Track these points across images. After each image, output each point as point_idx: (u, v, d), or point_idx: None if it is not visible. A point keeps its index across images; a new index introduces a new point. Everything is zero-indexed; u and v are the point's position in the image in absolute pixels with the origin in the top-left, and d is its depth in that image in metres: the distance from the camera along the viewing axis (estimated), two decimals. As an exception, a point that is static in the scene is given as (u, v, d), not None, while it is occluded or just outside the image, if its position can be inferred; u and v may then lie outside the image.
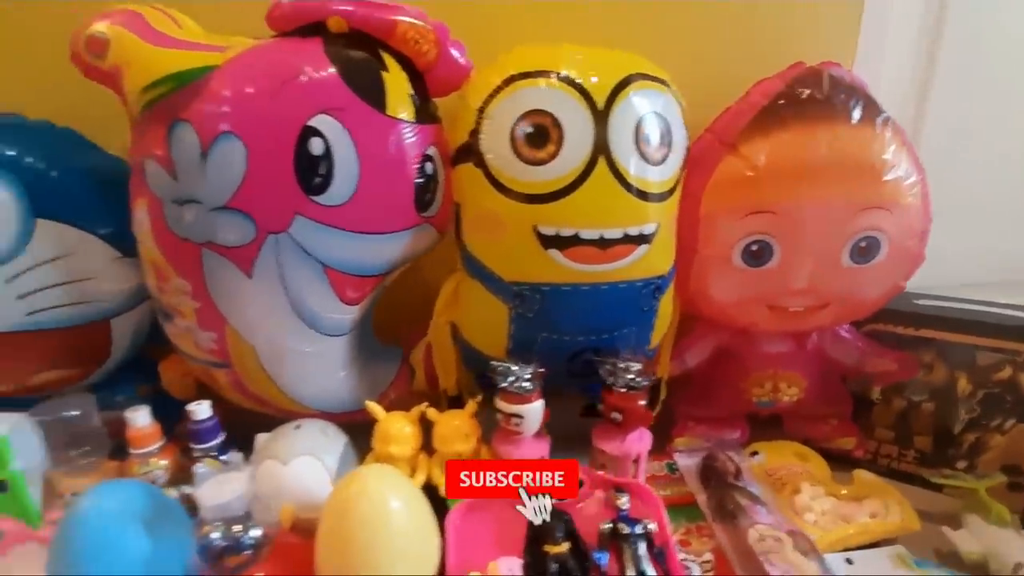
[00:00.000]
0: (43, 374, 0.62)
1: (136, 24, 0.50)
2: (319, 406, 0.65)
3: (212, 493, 0.49)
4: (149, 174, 0.51)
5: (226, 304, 0.54)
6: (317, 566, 0.50)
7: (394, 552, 0.48)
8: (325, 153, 0.51)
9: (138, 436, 0.59)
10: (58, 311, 0.59)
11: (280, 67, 0.50)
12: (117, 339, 0.63)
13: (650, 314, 0.63)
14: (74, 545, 0.47)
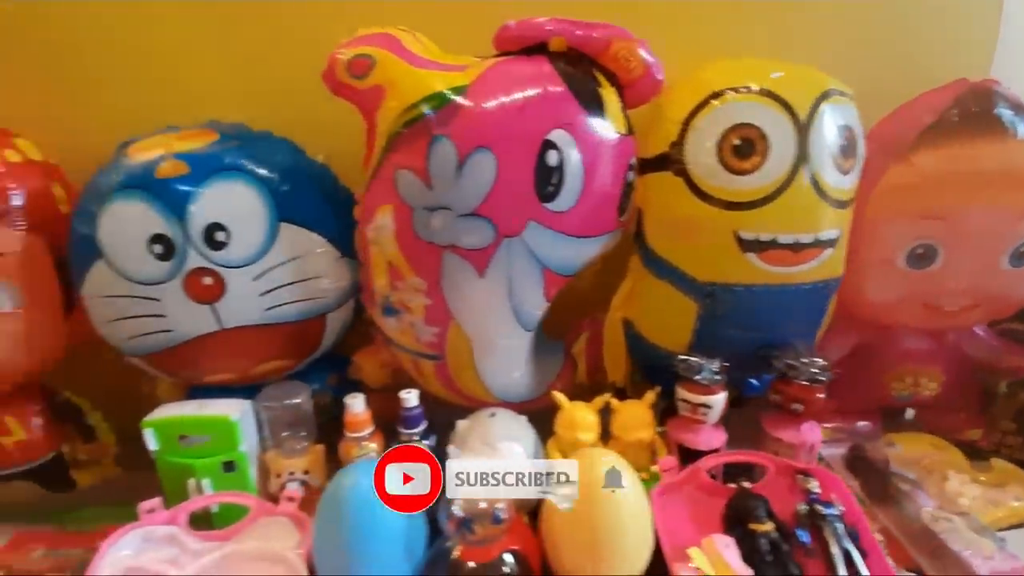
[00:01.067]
0: (264, 364, 0.67)
1: (396, 46, 0.55)
2: (503, 396, 0.69)
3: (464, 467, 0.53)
4: (402, 183, 0.56)
5: (456, 301, 0.59)
6: (555, 545, 0.55)
7: (634, 533, 0.53)
8: (558, 164, 0.55)
9: (355, 421, 0.64)
10: (290, 307, 0.64)
11: (524, 86, 0.54)
12: (329, 332, 0.68)
13: (822, 312, 0.67)
14: (345, 517, 0.52)
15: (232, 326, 0.62)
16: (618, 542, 0.53)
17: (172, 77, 0.72)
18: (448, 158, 0.53)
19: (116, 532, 0.58)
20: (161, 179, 0.57)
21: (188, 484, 0.64)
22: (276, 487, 0.66)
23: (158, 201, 0.57)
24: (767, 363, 0.67)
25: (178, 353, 0.63)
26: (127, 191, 0.57)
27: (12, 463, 0.70)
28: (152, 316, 0.60)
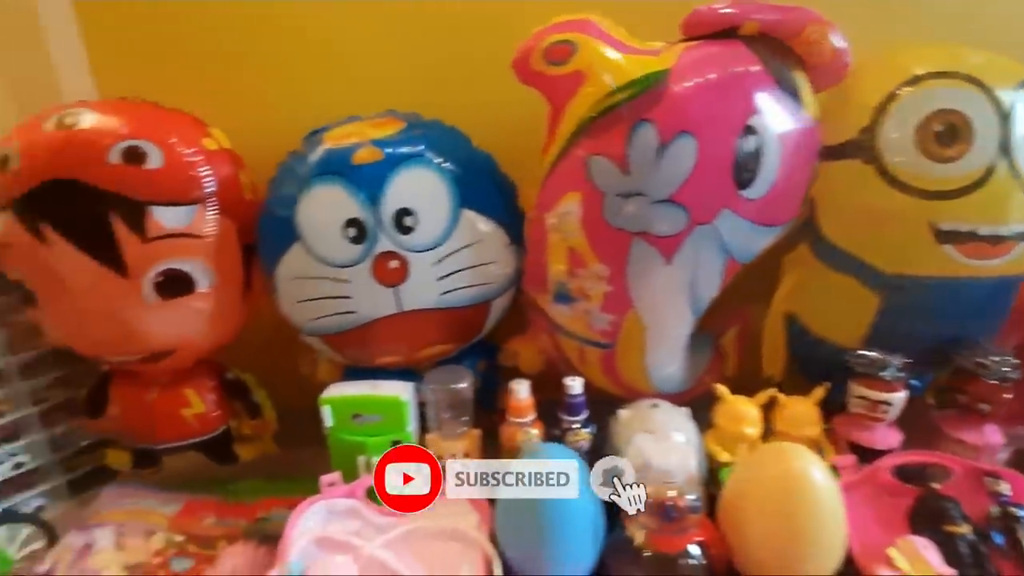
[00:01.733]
0: (429, 348, 0.69)
1: (597, 31, 0.55)
2: (661, 387, 0.69)
3: (661, 454, 0.53)
4: (595, 170, 0.56)
5: (639, 288, 0.59)
6: (746, 540, 0.54)
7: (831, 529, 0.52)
8: (756, 150, 0.54)
9: (520, 406, 0.65)
10: (463, 292, 0.65)
11: (725, 70, 0.54)
12: (491, 318, 0.70)
13: (1005, 308, 0.64)
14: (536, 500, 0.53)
15: (410, 309, 0.64)
16: (817, 538, 0.52)
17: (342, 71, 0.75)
18: (649, 143, 0.53)
19: (303, 503, 0.61)
20: (357, 165, 0.59)
21: (359, 461, 0.67)
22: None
23: (354, 186, 0.59)
24: (943, 360, 0.64)
25: (357, 334, 0.65)
26: (325, 176, 0.60)
27: (191, 434, 0.74)
28: (340, 298, 0.63)
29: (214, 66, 0.75)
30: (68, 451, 0.81)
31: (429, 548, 0.59)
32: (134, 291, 0.61)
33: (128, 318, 0.63)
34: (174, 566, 0.66)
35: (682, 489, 0.54)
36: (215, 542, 0.69)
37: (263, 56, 0.75)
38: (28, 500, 0.78)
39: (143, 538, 0.70)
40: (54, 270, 0.60)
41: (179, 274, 0.63)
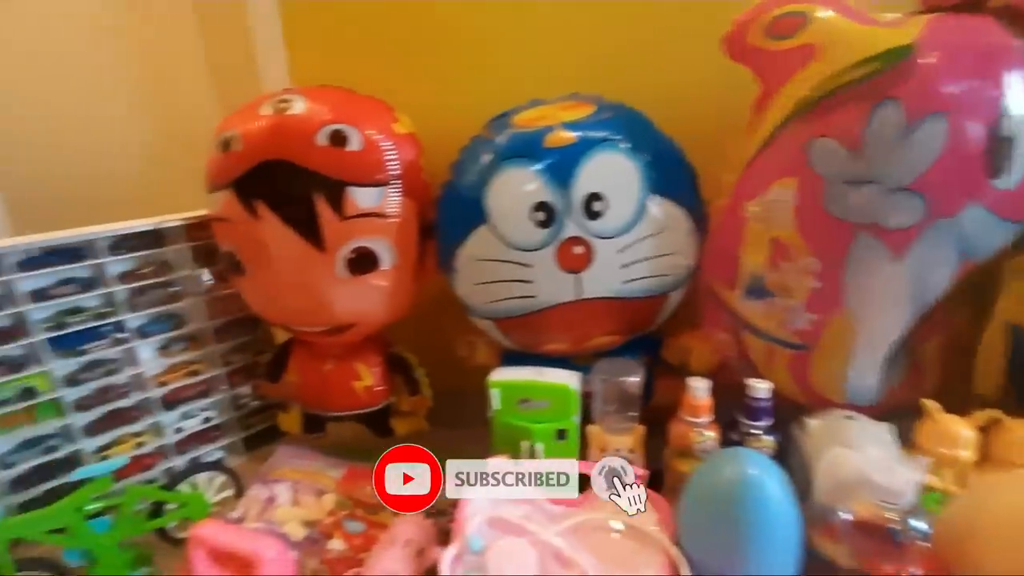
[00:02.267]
0: (598, 338, 0.68)
1: (833, 1, 0.51)
2: (852, 397, 0.63)
3: (889, 474, 0.48)
4: (817, 153, 0.52)
5: (856, 288, 0.54)
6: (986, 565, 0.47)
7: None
8: (1012, 135, 0.47)
9: (697, 406, 0.62)
10: (644, 282, 0.64)
11: (979, 45, 0.47)
12: (664, 311, 0.67)
13: None
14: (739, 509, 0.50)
15: (588, 297, 0.63)
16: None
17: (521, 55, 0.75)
18: (893, 124, 0.47)
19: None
20: (549, 148, 0.59)
21: (522, 446, 0.67)
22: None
23: (546, 169, 0.59)
24: None
25: (531, 320, 0.66)
26: (516, 159, 0.60)
27: (358, 405, 0.78)
28: (521, 282, 0.63)
29: (397, 52, 0.79)
30: (245, 410, 0.89)
31: (603, 542, 0.57)
32: (329, 266, 0.65)
33: (320, 291, 0.67)
34: (348, 527, 0.70)
35: (903, 512, 0.48)
36: (378, 509, 0.72)
37: (444, 42, 0.77)
38: (211, 452, 0.87)
39: (315, 497, 0.75)
40: (263, 243, 0.65)
41: (367, 252, 0.66)
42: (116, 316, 0.74)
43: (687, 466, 0.62)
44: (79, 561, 0.64)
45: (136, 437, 0.80)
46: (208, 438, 0.86)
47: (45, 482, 0.73)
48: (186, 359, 0.82)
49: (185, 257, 0.78)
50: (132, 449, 0.79)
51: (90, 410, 0.76)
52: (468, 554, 0.57)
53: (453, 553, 0.56)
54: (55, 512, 0.61)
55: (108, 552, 0.64)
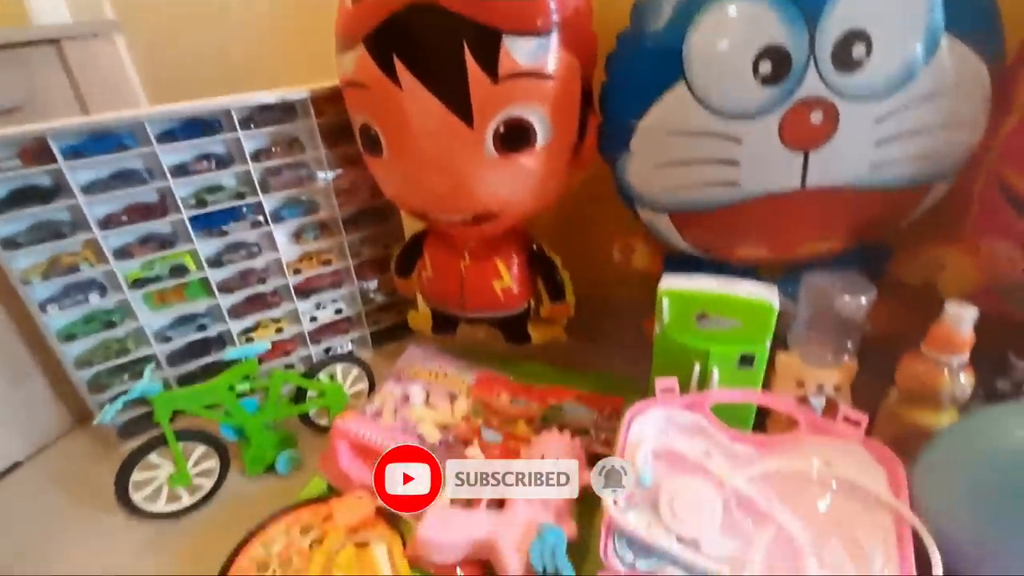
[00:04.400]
0: (811, 244, 0.52)
1: None
2: None
3: None
4: None
5: None
6: None
7: None
8: None
9: (955, 340, 0.46)
10: (903, 167, 0.46)
11: None
12: (915, 210, 0.50)
13: None
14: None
15: (816, 186, 0.47)
16: None
17: None
18: None
19: (639, 406, 0.52)
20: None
21: (695, 370, 0.55)
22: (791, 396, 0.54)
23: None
24: None
25: (726, 215, 0.51)
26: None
27: (496, 307, 0.71)
28: (723, 163, 0.48)
29: None
30: (374, 305, 0.85)
31: (809, 498, 0.46)
32: (477, 142, 0.54)
33: (465, 173, 0.57)
34: (485, 436, 0.65)
35: None
36: (515, 420, 0.67)
37: None
38: (342, 344, 0.86)
39: (447, 400, 0.71)
40: (402, 112, 0.55)
41: (521, 124, 0.54)
42: (252, 197, 0.71)
43: (928, 418, 0.48)
44: (233, 437, 0.66)
45: (275, 323, 0.80)
46: (339, 329, 0.85)
47: (198, 359, 0.75)
48: (319, 248, 0.79)
49: (314, 135, 0.72)
50: (273, 334, 0.79)
51: (234, 292, 0.76)
52: (637, 488, 0.48)
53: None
54: (211, 388, 0.62)
55: (258, 431, 0.65)
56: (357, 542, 0.53)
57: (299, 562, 0.52)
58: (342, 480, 0.59)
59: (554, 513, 0.51)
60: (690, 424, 0.52)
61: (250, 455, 0.65)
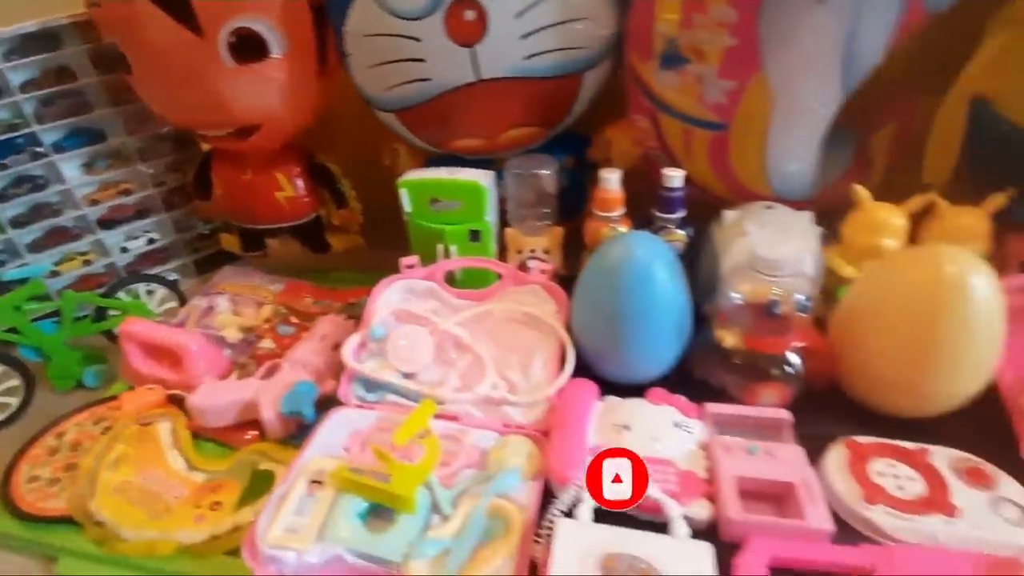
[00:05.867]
0: (512, 130, 0.63)
1: None
2: (781, 189, 0.58)
3: (771, 245, 0.45)
4: None
5: (773, 42, 0.46)
6: (869, 352, 0.46)
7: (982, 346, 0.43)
8: None
9: (608, 199, 0.59)
10: (550, 57, 0.56)
11: None
12: (582, 96, 0.61)
13: None
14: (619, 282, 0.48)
15: (490, 76, 0.56)
16: (960, 354, 0.43)
17: None
18: None
19: (385, 280, 0.62)
20: None
21: (437, 249, 0.66)
22: (515, 263, 0.66)
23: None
24: None
25: (432, 109, 0.60)
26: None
27: (284, 217, 0.77)
28: (412, 61, 0.56)
29: None
30: (193, 233, 0.89)
31: (503, 330, 0.58)
32: (211, 52, 0.59)
33: (210, 83, 0.62)
34: (280, 331, 0.73)
35: (790, 287, 0.46)
36: (313, 317, 0.75)
37: None
38: (165, 274, 0.89)
39: (254, 308, 0.78)
40: (139, 27, 0.58)
41: (251, 34, 0.59)
42: (27, 128, 0.71)
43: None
44: (35, 358, 0.70)
45: (82, 256, 0.82)
46: (157, 259, 0.88)
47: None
48: (115, 178, 0.80)
49: (84, 61, 0.72)
50: (80, 267, 0.81)
51: (27, 227, 0.77)
52: (371, 342, 0.58)
53: (356, 341, 0.58)
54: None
55: (58, 350, 0.69)
56: (142, 423, 0.60)
57: (88, 446, 0.58)
58: (138, 379, 0.66)
59: (314, 374, 0.60)
60: (425, 290, 0.62)
61: (53, 373, 0.69)
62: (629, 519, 0.42)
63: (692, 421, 0.48)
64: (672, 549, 0.37)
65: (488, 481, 0.45)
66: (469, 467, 0.47)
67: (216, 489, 0.53)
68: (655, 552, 0.37)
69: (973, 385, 0.44)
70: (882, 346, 0.45)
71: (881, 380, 0.46)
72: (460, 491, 0.45)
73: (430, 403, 0.50)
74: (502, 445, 0.48)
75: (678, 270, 0.50)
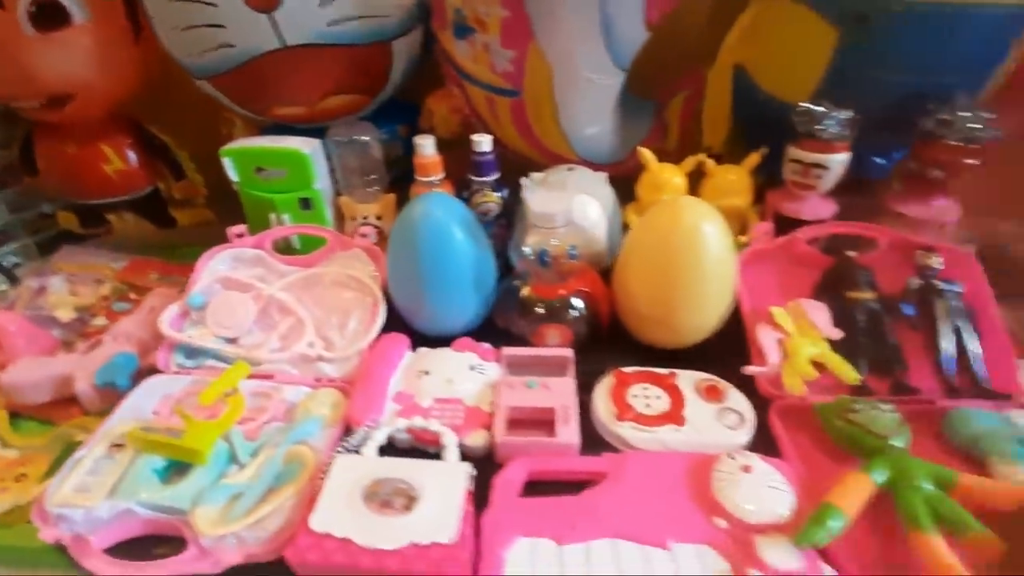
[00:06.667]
0: (332, 98, 0.64)
1: None
2: (585, 153, 0.63)
3: (543, 202, 0.50)
4: None
5: (539, 14, 0.50)
6: (630, 293, 0.52)
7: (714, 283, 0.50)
8: None
9: (424, 164, 0.62)
10: (353, 25, 0.57)
11: None
12: (396, 65, 0.63)
13: (999, 59, 0.52)
14: (416, 244, 0.52)
15: (294, 43, 0.57)
16: (697, 291, 0.50)
17: None
18: None
19: (211, 250, 0.62)
20: None
21: (270, 218, 0.67)
22: (351, 230, 0.68)
23: None
24: (909, 124, 0.55)
25: (243, 76, 0.60)
26: None
27: (115, 191, 0.75)
28: (212, 26, 0.56)
29: None
30: (31, 213, 0.84)
31: (327, 293, 0.61)
32: (11, 22, 0.57)
33: (13, 52, 0.59)
34: (115, 307, 0.71)
35: (565, 239, 0.52)
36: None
37: None
38: (2, 256, 0.85)
39: (93, 286, 0.76)
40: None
41: (51, 1, 0.57)
42: None
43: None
44: None
45: None
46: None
47: None
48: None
49: None
50: None
51: None
52: (192, 310, 0.59)
53: (175, 311, 0.59)
54: None
55: None
56: (-49, 403, 0.58)
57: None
58: (-50, 362, 0.63)
59: (138, 346, 0.60)
60: (253, 257, 0.63)
61: None
62: (416, 452, 0.46)
63: (489, 364, 0.53)
64: (434, 471, 0.42)
65: (291, 431, 0.47)
66: (276, 420, 0.50)
67: (25, 463, 0.53)
68: (418, 475, 0.41)
69: (715, 317, 0.51)
70: (640, 287, 0.51)
71: (643, 317, 0.52)
72: (263, 442, 0.47)
73: (242, 364, 0.52)
74: (310, 397, 0.51)
75: (477, 229, 0.55)
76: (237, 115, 0.72)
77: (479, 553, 0.38)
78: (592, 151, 0.63)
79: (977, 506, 0.38)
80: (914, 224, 0.57)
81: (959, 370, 0.49)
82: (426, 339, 0.56)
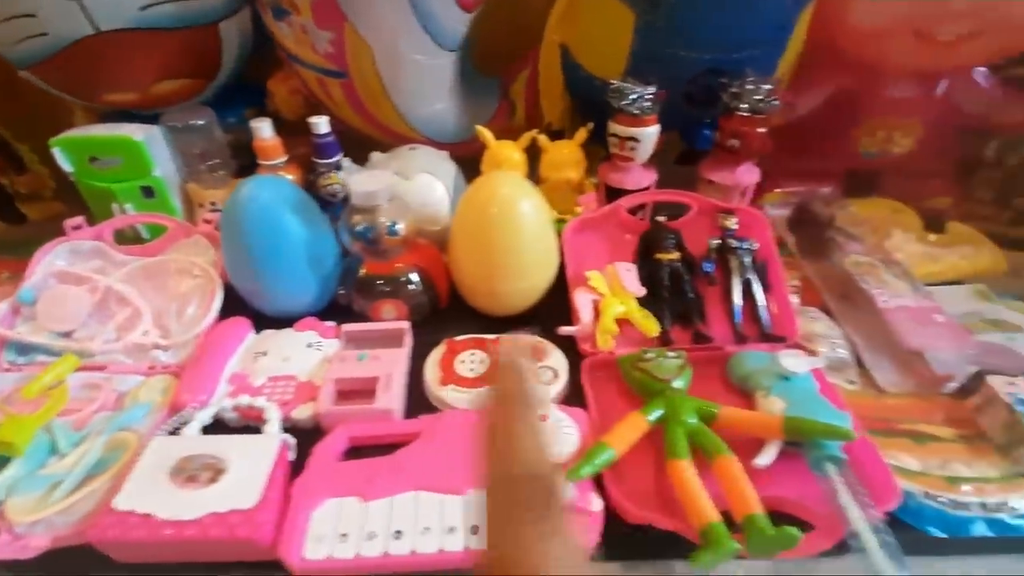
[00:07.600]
0: (162, 83, 0.63)
1: None
2: (427, 132, 0.65)
3: (363, 182, 0.52)
4: None
5: None
6: (459, 266, 0.55)
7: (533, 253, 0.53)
8: None
9: (265, 147, 0.62)
10: (166, 8, 0.56)
11: None
12: (227, 48, 0.62)
13: (785, 34, 0.58)
14: (245, 228, 0.52)
15: (108, 28, 0.56)
16: (515, 260, 0.53)
17: None
18: None
19: (46, 245, 0.61)
20: None
21: (113, 208, 0.65)
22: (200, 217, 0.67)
23: None
24: (713, 96, 0.60)
25: (63, 62, 0.58)
26: None
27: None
28: (24, 16, 0.54)
29: None
30: None
31: (169, 281, 0.60)
32: None
33: None
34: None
35: (389, 215, 0.54)
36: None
37: None
38: None
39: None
40: None
41: None
42: None
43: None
44: None
45: None
46: None
47: None
48: None
49: None
50: None
51: None
52: (24, 307, 0.58)
53: (5, 308, 0.57)
54: None
55: None
56: None
57: None
58: None
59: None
60: (91, 249, 0.62)
61: None
62: (251, 429, 0.48)
63: (328, 341, 0.54)
64: (245, 444, 0.44)
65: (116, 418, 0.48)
66: (106, 409, 0.50)
67: None
68: (228, 449, 0.43)
69: (538, 284, 0.55)
70: (466, 260, 0.54)
71: (471, 288, 0.55)
72: (88, 432, 0.48)
73: (70, 357, 0.52)
74: (142, 385, 0.51)
75: (311, 210, 0.56)
76: (76, 104, 0.69)
77: (286, 515, 0.40)
78: (436, 130, 0.65)
79: (738, 434, 0.43)
80: (723, 190, 0.62)
81: (747, 319, 0.54)
82: (273, 321, 0.57)
